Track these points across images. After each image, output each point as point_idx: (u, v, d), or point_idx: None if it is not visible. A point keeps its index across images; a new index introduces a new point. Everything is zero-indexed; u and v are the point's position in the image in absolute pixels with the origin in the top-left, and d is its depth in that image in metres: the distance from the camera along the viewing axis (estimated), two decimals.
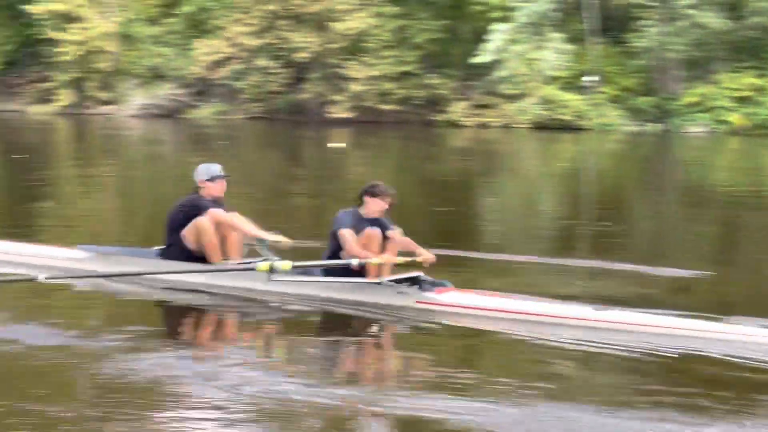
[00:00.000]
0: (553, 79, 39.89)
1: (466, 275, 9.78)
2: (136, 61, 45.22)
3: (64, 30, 44.05)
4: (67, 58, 44.04)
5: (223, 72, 43.10)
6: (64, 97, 44.80)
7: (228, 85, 43.22)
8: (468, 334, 8.01)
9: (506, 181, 22.67)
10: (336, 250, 8.83)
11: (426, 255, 8.80)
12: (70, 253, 9.95)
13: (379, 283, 8.69)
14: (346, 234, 8.71)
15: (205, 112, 43.33)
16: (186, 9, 45.27)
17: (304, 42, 42.15)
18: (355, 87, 40.95)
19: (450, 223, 14.94)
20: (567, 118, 38.82)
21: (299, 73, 43.07)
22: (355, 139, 35.47)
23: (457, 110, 40.21)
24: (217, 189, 9.45)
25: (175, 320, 8.63)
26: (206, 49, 43.40)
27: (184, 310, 8.80)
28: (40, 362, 6.92)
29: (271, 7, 42.72)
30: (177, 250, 9.30)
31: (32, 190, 18.16)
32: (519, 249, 12.25)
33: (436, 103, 41.08)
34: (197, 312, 8.78)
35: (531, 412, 5.98)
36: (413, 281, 8.71)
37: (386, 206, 8.97)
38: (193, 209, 9.26)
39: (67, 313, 8.45)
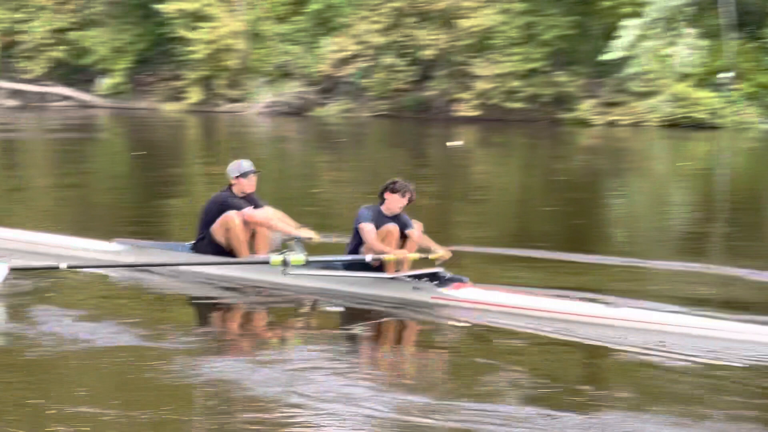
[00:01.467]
0: (686, 76, 38.87)
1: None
2: (264, 59, 45.71)
3: (193, 28, 44.80)
4: (197, 56, 44.76)
5: (350, 70, 43.24)
6: (194, 95, 45.56)
7: (354, 82, 43.36)
8: (481, 330, 8.08)
9: (632, 181, 22.05)
10: (358, 245, 9.09)
11: (441, 252, 9.01)
12: (108, 246, 10.35)
13: (394, 278, 8.88)
14: (366, 228, 8.94)
15: (332, 109, 43.50)
16: (314, 7, 45.53)
17: (430, 39, 41.97)
18: (481, 85, 40.60)
19: (567, 224, 14.58)
20: (700, 116, 37.79)
21: (425, 70, 42.90)
22: (481, 137, 35.17)
23: (586, 108, 39.49)
24: (248, 185, 9.79)
25: (198, 314, 9.01)
26: (333, 46, 43.61)
27: (208, 304, 9.18)
28: (79, 361, 7.02)
29: (397, 5, 42.65)
30: (206, 244, 9.65)
31: (155, 188, 18.41)
32: (635, 250, 11.89)
33: (563, 101, 40.40)
34: (217, 306, 9.13)
35: (550, 414, 5.89)
36: (432, 277, 8.88)
37: (406, 202, 9.18)
38: (224, 206, 9.58)
39: (92, 305, 8.64)
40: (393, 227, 9.03)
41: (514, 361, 7.20)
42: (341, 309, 8.87)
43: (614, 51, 38.81)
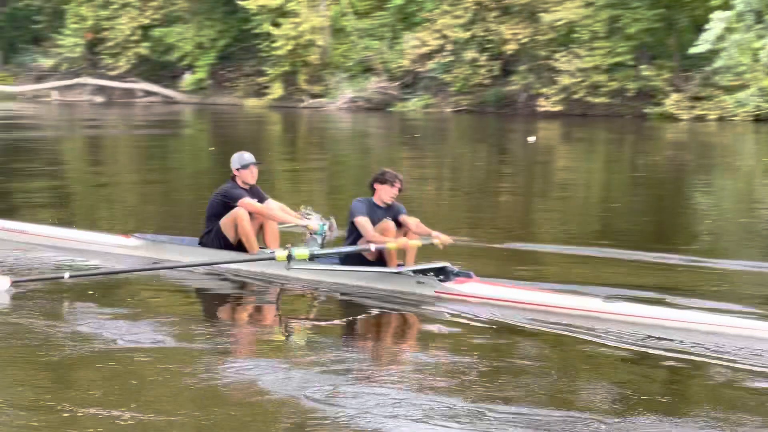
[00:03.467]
0: None
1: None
2: (346, 55, 45.85)
3: (276, 24, 45.11)
4: (279, 52, 45.05)
5: (431, 65, 43.14)
6: (276, 91, 45.88)
7: (436, 77, 43.25)
8: (484, 325, 7.99)
9: (717, 178, 21.55)
10: (356, 239, 9.13)
11: (442, 237, 9.00)
12: (126, 242, 10.45)
13: (399, 273, 8.90)
14: (362, 221, 9.02)
15: (413, 105, 43.46)
16: (396, 2, 45.48)
17: (513, 34, 41.68)
18: (564, 79, 40.19)
19: (647, 221, 14.31)
20: None
21: (507, 65, 42.63)
22: (564, 132, 34.80)
23: (672, 102, 38.83)
24: (249, 176, 9.93)
25: (205, 310, 8.88)
26: (414, 41, 43.54)
27: (213, 301, 9.15)
28: (96, 363, 6.88)
29: None
30: (213, 238, 9.82)
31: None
32: (715, 248, 11.59)
33: (649, 95, 39.83)
34: (222, 302, 9.10)
35: (556, 414, 5.81)
36: (438, 271, 8.87)
37: (396, 192, 9.23)
38: (228, 196, 9.77)
39: (108, 303, 8.55)
40: (389, 224, 9.07)
41: (519, 358, 7.13)
42: (347, 305, 8.82)
43: (702, 44, 38.05)
